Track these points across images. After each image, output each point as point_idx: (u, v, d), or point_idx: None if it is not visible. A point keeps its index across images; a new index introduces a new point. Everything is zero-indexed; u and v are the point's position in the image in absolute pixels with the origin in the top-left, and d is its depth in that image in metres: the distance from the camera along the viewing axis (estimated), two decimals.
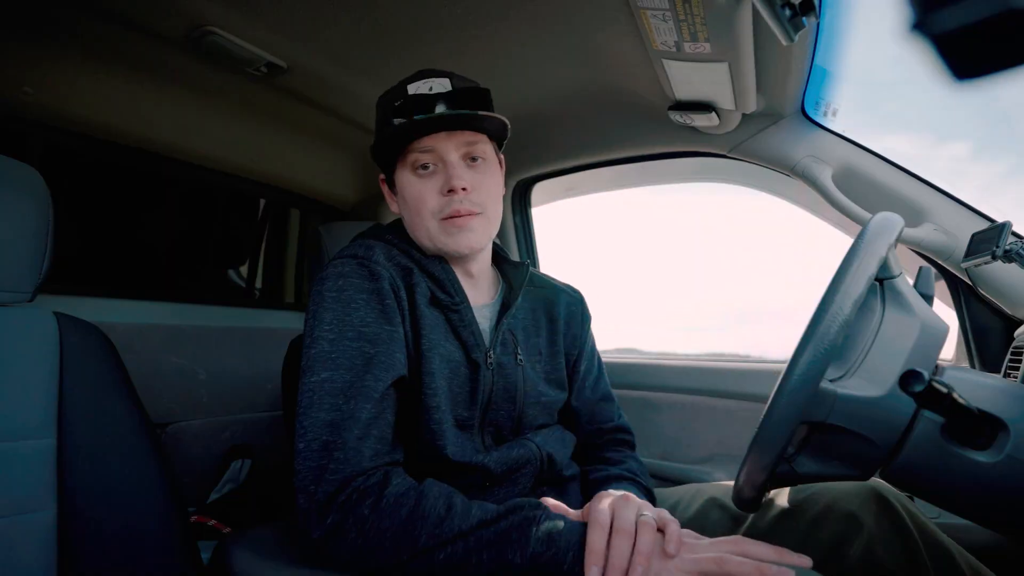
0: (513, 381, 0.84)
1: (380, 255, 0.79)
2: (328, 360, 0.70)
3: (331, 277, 0.75)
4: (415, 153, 0.79)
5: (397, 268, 0.80)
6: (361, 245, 0.80)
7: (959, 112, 21.53)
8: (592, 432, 0.97)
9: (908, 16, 0.26)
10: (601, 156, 1.59)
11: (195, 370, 1.51)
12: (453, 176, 0.78)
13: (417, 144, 0.79)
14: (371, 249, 0.79)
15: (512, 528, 0.61)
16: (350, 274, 0.75)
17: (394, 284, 0.77)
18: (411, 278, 0.79)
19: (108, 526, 0.70)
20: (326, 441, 0.65)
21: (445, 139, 0.79)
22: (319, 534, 0.63)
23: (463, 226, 0.79)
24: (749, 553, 0.57)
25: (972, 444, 0.57)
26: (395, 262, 0.80)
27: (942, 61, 0.27)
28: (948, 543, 0.75)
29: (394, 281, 0.77)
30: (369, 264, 0.77)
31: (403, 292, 0.77)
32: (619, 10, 0.95)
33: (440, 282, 0.81)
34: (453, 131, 0.79)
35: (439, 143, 0.79)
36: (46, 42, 1.12)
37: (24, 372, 0.71)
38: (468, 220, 0.79)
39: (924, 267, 0.75)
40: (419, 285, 0.79)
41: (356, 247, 0.80)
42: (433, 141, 0.79)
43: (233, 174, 1.69)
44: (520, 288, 0.89)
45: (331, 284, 0.75)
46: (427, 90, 0.81)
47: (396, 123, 0.78)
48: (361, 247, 0.80)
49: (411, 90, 0.81)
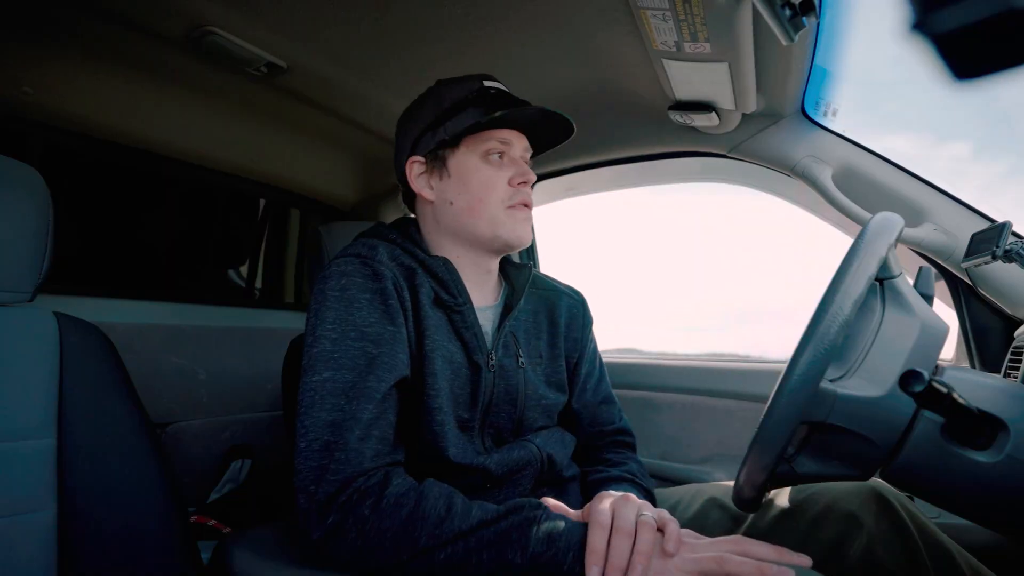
0: (514, 384, 0.84)
1: (384, 255, 0.79)
2: (330, 360, 0.70)
3: (334, 276, 0.75)
4: (493, 141, 0.83)
5: (400, 268, 0.79)
6: (364, 244, 0.80)
7: (959, 112, 21.57)
8: (593, 434, 0.97)
9: (908, 16, 0.26)
10: (601, 156, 1.59)
11: (195, 370, 1.51)
12: (526, 170, 0.84)
13: (497, 133, 0.83)
14: (374, 248, 0.79)
15: (512, 528, 0.61)
16: (353, 273, 0.75)
17: (397, 284, 0.77)
18: (414, 278, 0.79)
19: (108, 526, 0.70)
20: (327, 441, 0.65)
21: (517, 137, 0.86)
22: (319, 534, 0.63)
23: (528, 219, 0.85)
24: (749, 553, 0.57)
25: (972, 444, 0.57)
26: (398, 262, 0.80)
27: (942, 61, 0.27)
28: (948, 543, 0.75)
29: (397, 281, 0.77)
30: (372, 263, 0.76)
31: (406, 292, 0.77)
32: (619, 10, 0.95)
33: (444, 282, 0.81)
34: (523, 133, 0.86)
35: (513, 138, 0.84)
36: (46, 42, 1.12)
37: (24, 372, 0.71)
38: (529, 215, 0.86)
39: (924, 267, 0.75)
40: (423, 286, 0.79)
41: (359, 246, 0.80)
42: (510, 135, 0.84)
43: (233, 174, 1.69)
44: (523, 290, 0.89)
45: (334, 283, 0.74)
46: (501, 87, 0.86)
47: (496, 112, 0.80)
48: (364, 246, 0.79)
49: (489, 85, 0.85)
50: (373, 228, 0.90)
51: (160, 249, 1.97)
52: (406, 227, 0.89)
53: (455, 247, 0.86)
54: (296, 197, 1.91)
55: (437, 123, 0.84)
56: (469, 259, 0.86)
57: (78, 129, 1.34)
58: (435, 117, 0.84)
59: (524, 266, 0.93)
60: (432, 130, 0.84)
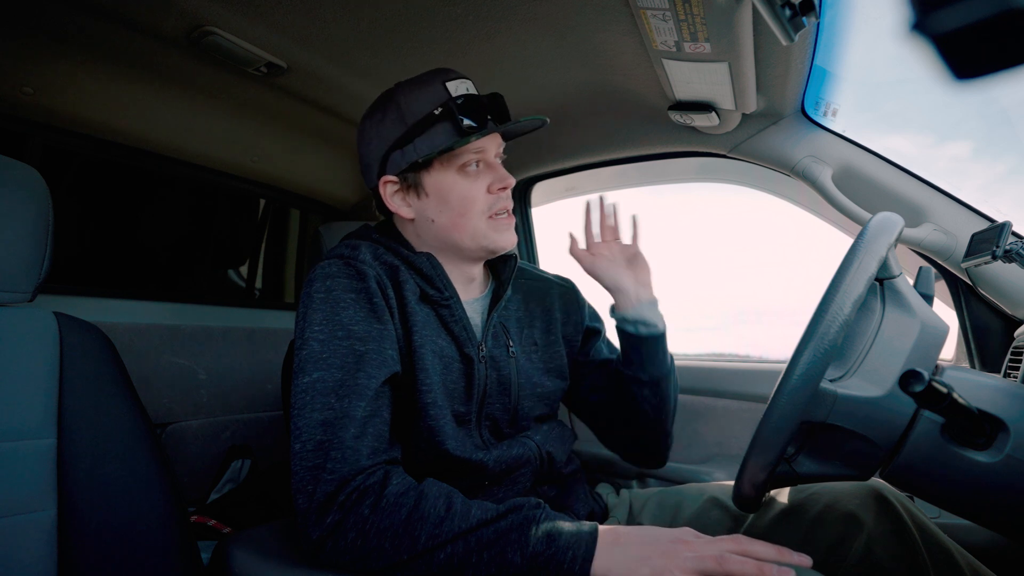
0: (506, 373, 0.84)
1: (366, 254, 0.79)
2: (319, 360, 0.70)
3: (318, 278, 0.75)
4: (468, 155, 0.80)
5: (384, 266, 0.79)
6: (347, 245, 0.80)
7: (959, 112, 21.49)
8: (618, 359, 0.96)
9: (908, 16, 0.26)
10: (601, 156, 1.59)
11: (195, 370, 1.51)
12: (504, 174, 0.82)
13: (472, 146, 0.80)
14: (357, 249, 0.79)
15: (512, 528, 0.61)
16: (337, 274, 0.75)
17: (381, 282, 0.77)
18: (398, 275, 0.79)
19: (108, 526, 0.70)
20: (321, 441, 0.65)
21: (491, 140, 0.82)
22: (318, 534, 0.63)
23: (510, 223, 0.84)
24: (750, 552, 0.57)
25: (972, 444, 0.57)
26: (381, 260, 0.80)
27: (942, 61, 0.27)
28: (948, 543, 0.75)
29: (381, 279, 0.77)
30: (355, 263, 0.76)
31: (390, 290, 0.77)
32: (619, 10, 0.95)
33: (428, 278, 0.81)
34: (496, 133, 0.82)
35: (488, 143, 0.82)
36: (46, 42, 1.12)
37: (24, 372, 0.71)
38: (511, 219, 0.84)
39: (924, 267, 0.75)
40: (407, 282, 0.79)
41: (342, 247, 0.80)
42: (484, 142, 0.81)
43: (233, 174, 1.69)
44: (508, 281, 0.89)
45: (319, 285, 0.74)
46: (465, 90, 0.81)
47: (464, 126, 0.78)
48: (347, 247, 0.80)
49: (452, 89, 0.80)
50: (358, 229, 0.90)
51: (160, 249, 1.98)
52: (390, 227, 0.89)
53: (439, 252, 0.85)
54: (296, 197, 1.91)
55: (405, 140, 0.80)
56: (453, 262, 0.85)
57: (78, 129, 1.34)
58: (401, 134, 0.80)
59: (509, 256, 0.91)
60: (400, 148, 0.80)
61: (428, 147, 0.79)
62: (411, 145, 0.79)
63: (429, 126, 0.79)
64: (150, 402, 0.83)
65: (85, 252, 1.76)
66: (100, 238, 1.83)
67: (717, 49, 0.97)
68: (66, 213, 1.49)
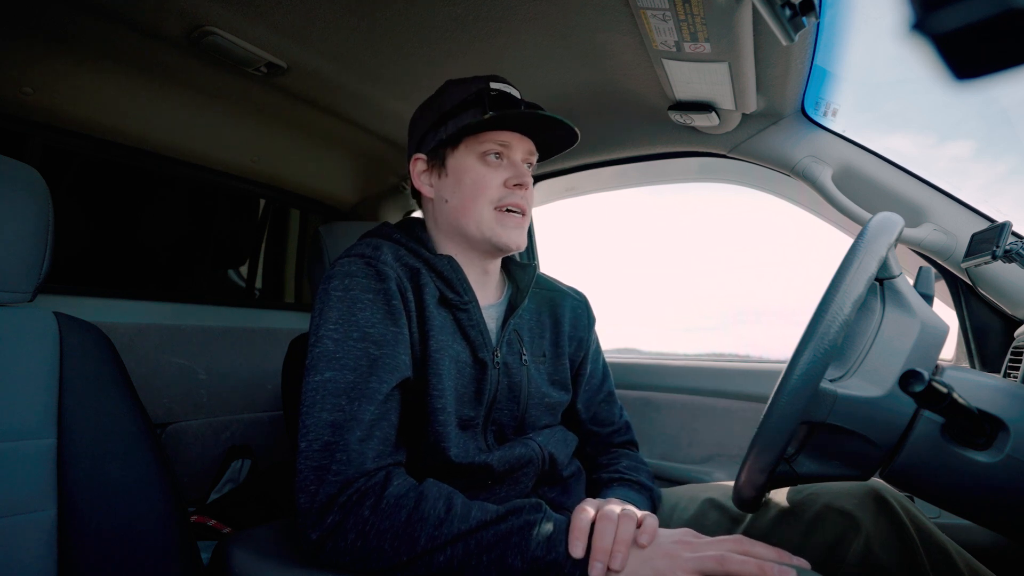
0: (518, 381, 0.85)
1: (388, 255, 0.78)
2: (332, 360, 0.70)
3: (338, 276, 0.75)
4: (490, 143, 0.83)
5: (405, 268, 0.79)
6: (368, 244, 0.80)
7: (959, 112, 21.55)
8: (595, 433, 0.97)
9: (908, 16, 0.26)
10: (601, 156, 1.59)
11: (195, 370, 1.51)
12: (522, 172, 0.84)
13: (495, 135, 0.83)
14: (379, 249, 0.79)
15: (512, 531, 0.61)
16: (357, 273, 0.75)
17: (401, 285, 0.76)
18: (419, 278, 0.79)
19: (108, 526, 0.70)
20: (327, 442, 0.65)
21: (518, 140, 0.85)
22: (318, 534, 0.63)
23: (519, 224, 0.84)
24: (751, 552, 0.57)
25: (972, 444, 0.57)
26: (403, 262, 0.80)
27: (942, 61, 0.27)
28: (947, 543, 0.75)
29: (401, 282, 0.77)
30: (376, 264, 0.76)
31: (410, 293, 0.77)
32: (619, 10, 0.95)
33: (449, 281, 0.81)
34: (525, 136, 0.85)
35: (513, 140, 0.84)
36: (46, 42, 1.12)
37: (24, 372, 0.71)
38: (522, 220, 0.85)
39: (924, 267, 0.75)
40: (427, 286, 0.79)
41: (363, 246, 0.80)
42: (509, 137, 0.83)
43: (233, 174, 1.69)
44: (527, 289, 0.89)
45: (337, 283, 0.74)
46: (505, 89, 0.86)
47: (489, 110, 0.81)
48: (368, 246, 0.79)
49: (494, 86, 0.85)
50: (378, 228, 0.90)
51: (160, 249, 1.97)
52: (411, 226, 0.89)
53: (453, 245, 0.86)
54: (296, 197, 1.91)
55: (440, 122, 0.85)
56: (467, 258, 0.86)
57: (78, 129, 1.34)
58: (438, 117, 0.85)
59: (528, 265, 0.93)
60: (435, 129, 0.85)
61: (455, 127, 0.82)
62: (443, 127, 0.84)
63: (462, 111, 0.83)
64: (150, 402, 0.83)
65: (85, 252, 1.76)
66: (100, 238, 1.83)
67: (717, 49, 0.97)
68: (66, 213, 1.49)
